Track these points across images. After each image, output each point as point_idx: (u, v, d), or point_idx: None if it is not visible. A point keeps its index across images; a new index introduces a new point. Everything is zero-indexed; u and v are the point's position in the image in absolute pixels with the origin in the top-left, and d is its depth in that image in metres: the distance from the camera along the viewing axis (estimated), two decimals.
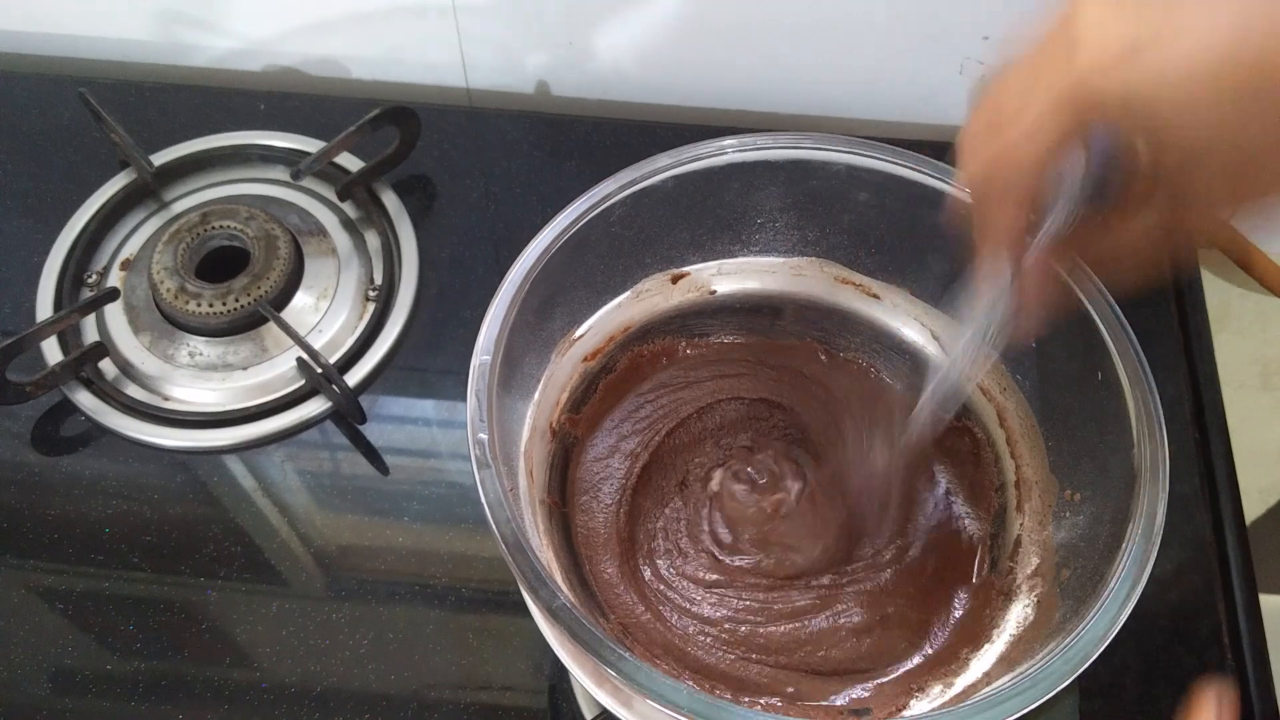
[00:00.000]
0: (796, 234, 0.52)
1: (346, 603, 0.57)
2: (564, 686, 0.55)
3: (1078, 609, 0.38)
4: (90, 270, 0.69)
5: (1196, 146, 0.30)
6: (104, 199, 0.71)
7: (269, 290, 0.65)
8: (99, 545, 0.59)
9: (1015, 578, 0.45)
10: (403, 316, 0.67)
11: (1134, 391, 0.41)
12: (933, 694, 0.43)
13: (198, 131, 0.74)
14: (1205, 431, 0.63)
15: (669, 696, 0.34)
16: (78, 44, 0.79)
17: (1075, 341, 0.43)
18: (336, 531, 0.60)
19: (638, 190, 0.47)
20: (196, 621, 0.56)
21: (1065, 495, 0.45)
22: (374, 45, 0.77)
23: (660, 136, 0.49)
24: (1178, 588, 0.58)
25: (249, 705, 0.54)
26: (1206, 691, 0.32)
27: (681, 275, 0.53)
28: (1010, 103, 0.34)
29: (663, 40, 0.74)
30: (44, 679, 0.55)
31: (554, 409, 0.50)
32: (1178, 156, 0.31)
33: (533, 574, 0.37)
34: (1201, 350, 0.66)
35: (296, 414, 0.63)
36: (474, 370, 0.42)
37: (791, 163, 0.48)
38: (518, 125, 0.76)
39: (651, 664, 0.37)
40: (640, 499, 0.51)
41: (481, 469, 0.39)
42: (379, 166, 0.71)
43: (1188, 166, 0.31)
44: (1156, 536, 0.37)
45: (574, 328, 0.50)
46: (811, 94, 0.76)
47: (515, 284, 0.44)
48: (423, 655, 0.55)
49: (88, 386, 0.64)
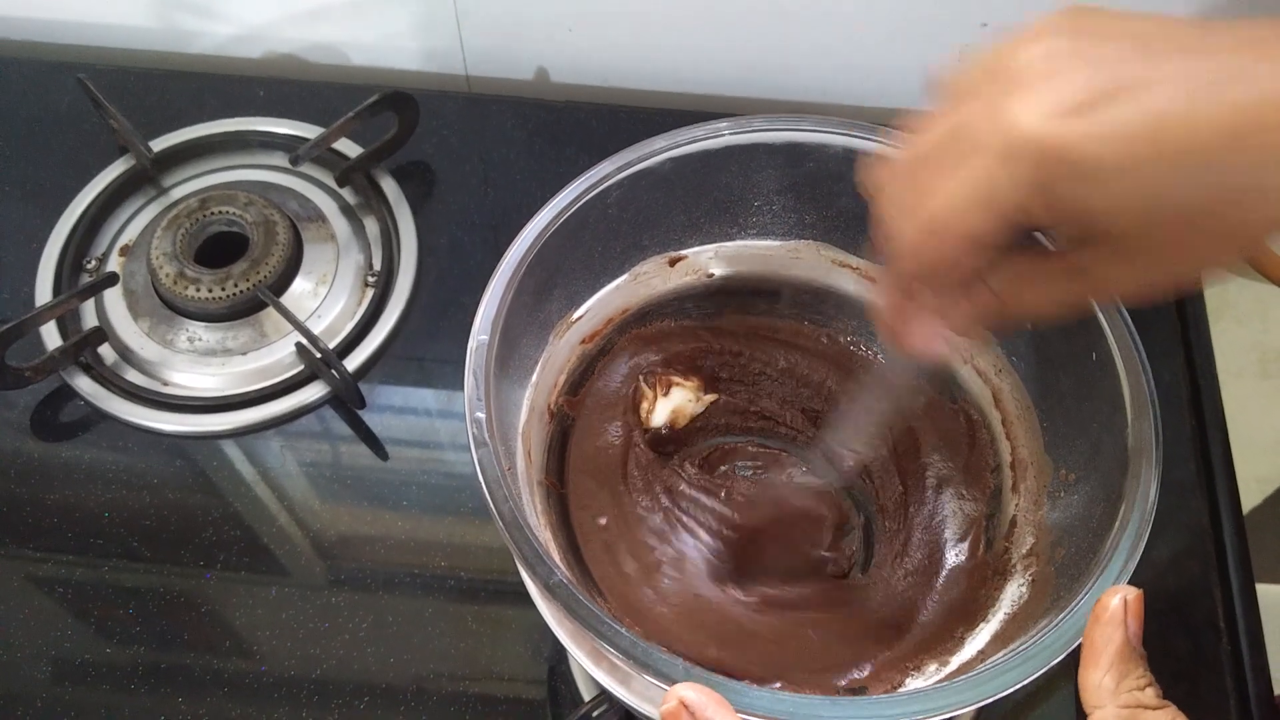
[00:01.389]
0: (794, 217, 0.52)
1: (345, 588, 0.57)
2: (563, 669, 0.55)
3: (1072, 587, 0.38)
4: (89, 256, 0.69)
5: (1124, 244, 0.29)
6: (103, 185, 0.71)
7: (268, 275, 0.65)
8: (98, 530, 0.59)
9: (1010, 557, 0.45)
10: (401, 302, 0.67)
11: (1127, 371, 0.41)
12: (928, 671, 0.43)
13: (197, 117, 0.74)
14: (1202, 419, 0.63)
15: (666, 672, 0.34)
16: (77, 30, 0.79)
17: (1069, 322, 0.44)
18: (335, 516, 0.60)
19: (635, 172, 0.47)
20: (196, 607, 0.57)
21: (1060, 475, 0.45)
22: (373, 31, 0.77)
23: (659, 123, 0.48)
24: (1175, 574, 0.58)
25: (248, 690, 0.54)
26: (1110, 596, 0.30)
27: (679, 258, 0.53)
28: (935, 158, 0.31)
29: (662, 27, 0.74)
30: (43, 664, 0.55)
31: (552, 391, 0.50)
32: (1121, 221, 0.29)
33: (530, 551, 0.37)
34: (1199, 338, 0.66)
35: (295, 399, 0.63)
36: (471, 350, 0.42)
37: (789, 145, 0.48)
38: (516, 111, 0.76)
39: (648, 643, 0.37)
40: (639, 481, 0.51)
41: (479, 448, 0.39)
42: (378, 152, 0.71)
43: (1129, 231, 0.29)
44: (1150, 514, 0.38)
45: (572, 310, 0.51)
46: (810, 80, 0.76)
47: (513, 265, 0.44)
48: (422, 640, 0.55)
49: (87, 372, 0.64)
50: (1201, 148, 0.27)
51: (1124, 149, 0.27)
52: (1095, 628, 0.30)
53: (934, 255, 0.31)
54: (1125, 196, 0.28)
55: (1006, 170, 0.28)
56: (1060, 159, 0.28)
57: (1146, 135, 0.27)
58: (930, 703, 0.33)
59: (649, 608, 0.47)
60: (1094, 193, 0.28)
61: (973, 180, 0.29)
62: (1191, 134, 0.27)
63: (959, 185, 0.30)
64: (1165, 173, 0.27)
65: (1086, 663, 0.30)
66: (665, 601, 0.47)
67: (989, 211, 0.29)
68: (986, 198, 0.29)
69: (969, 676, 0.34)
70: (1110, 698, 0.29)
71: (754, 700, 0.33)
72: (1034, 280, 0.33)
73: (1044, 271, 0.33)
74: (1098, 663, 0.29)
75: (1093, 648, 0.29)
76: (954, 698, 0.33)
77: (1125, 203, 0.28)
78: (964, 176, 0.29)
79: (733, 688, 0.33)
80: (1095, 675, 0.29)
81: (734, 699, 0.32)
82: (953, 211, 0.30)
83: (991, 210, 0.29)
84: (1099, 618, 0.30)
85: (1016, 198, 0.29)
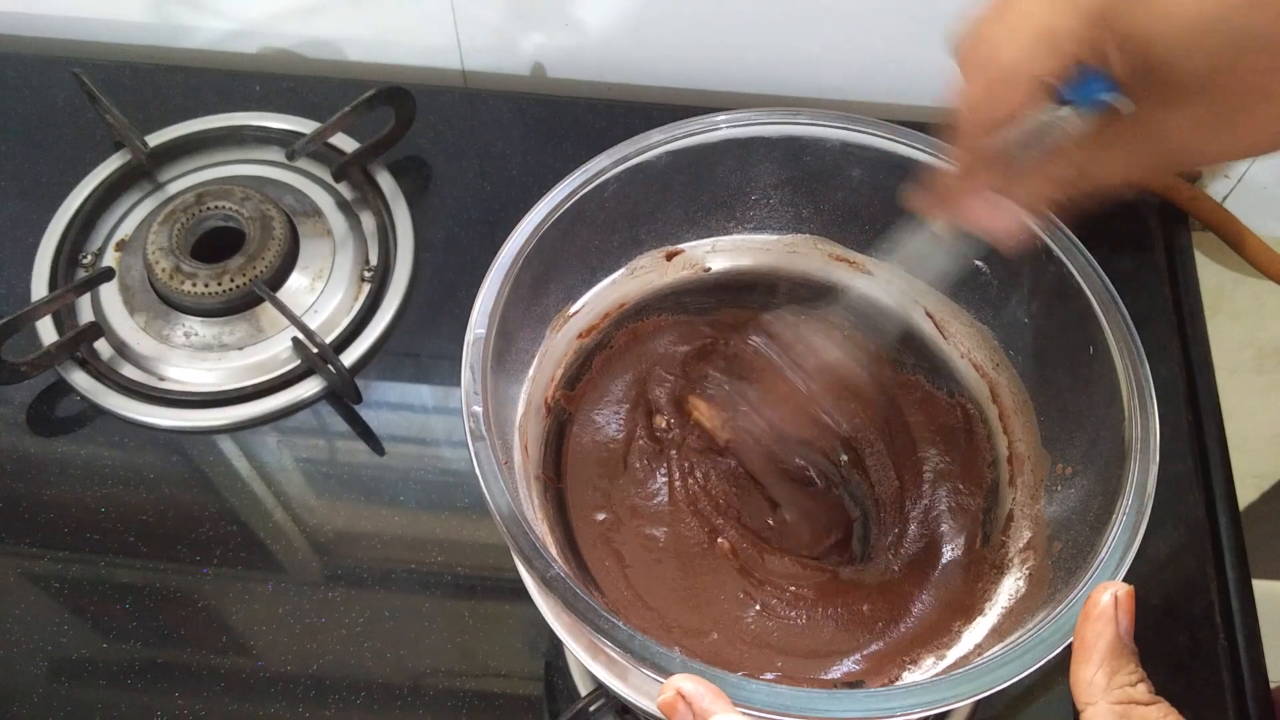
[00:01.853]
0: (790, 211, 0.52)
1: (342, 584, 0.57)
2: (559, 664, 0.55)
3: (1069, 580, 0.38)
4: (85, 251, 0.69)
5: (1192, 87, 0.28)
6: (99, 180, 0.71)
7: (264, 270, 0.65)
8: (94, 526, 0.59)
9: (1007, 551, 0.46)
10: (398, 297, 0.67)
11: (1125, 364, 0.41)
12: (925, 665, 0.43)
13: (193, 112, 0.74)
14: (1199, 414, 0.63)
15: (663, 665, 0.34)
16: (72, 25, 0.79)
17: (1067, 316, 0.44)
18: (332, 512, 0.60)
19: (632, 166, 0.47)
20: (192, 603, 0.56)
21: (1057, 469, 0.45)
22: (369, 26, 0.77)
23: (656, 118, 0.48)
24: (1171, 569, 0.58)
25: (244, 686, 0.54)
26: (1100, 592, 0.30)
27: (676, 252, 0.53)
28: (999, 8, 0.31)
29: (659, 21, 0.73)
30: (39, 660, 0.55)
31: (549, 385, 0.50)
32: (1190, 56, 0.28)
33: (528, 545, 0.37)
34: (1195, 333, 0.66)
35: (292, 394, 0.63)
36: (468, 344, 0.42)
37: (785, 139, 0.48)
38: (513, 106, 0.76)
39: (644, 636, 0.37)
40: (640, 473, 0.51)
41: (476, 441, 0.39)
42: (374, 147, 0.71)
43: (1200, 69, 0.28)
44: (1147, 507, 0.38)
45: (569, 304, 0.50)
46: (808, 76, 0.76)
47: (510, 259, 0.44)
48: (418, 636, 0.55)
49: (83, 367, 0.64)
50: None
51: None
52: (1086, 624, 0.29)
53: (1006, 103, 0.31)
54: (1192, 23, 0.27)
55: (1068, 3, 0.28)
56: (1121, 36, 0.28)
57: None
58: (927, 696, 0.33)
59: (645, 601, 0.47)
60: (1158, 21, 0.27)
61: (1036, 20, 0.29)
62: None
63: (1023, 27, 0.30)
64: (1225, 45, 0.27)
65: (1078, 659, 0.29)
66: (661, 594, 0.47)
67: (1055, 49, 0.29)
68: (1050, 35, 0.29)
69: (966, 670, 0.34)
70: (1102, 694, 0.28)
71: (752, 693, 0.33)
72: (1110, 145, 0.33)
73: (1119, 135, 0.32)
74: (1089, 658, 0.29)
75: (1084, 644, 0.29)
76: (951, 691, 0.33)
77: (1192, 31, 0.27)
78: (1027, 18, 0.30)
79: (730, 680, 0.33)
80: (1087, 671, 0.29)
81: (732, 692, 0.32)
82: (1019, 53, 0.30)
83: (1056, 48, 0.29)
84: (1089, 614, 0.29)
85: (1080, 31, 0.29)
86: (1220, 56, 0.27)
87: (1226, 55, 0.27)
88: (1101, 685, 0.29)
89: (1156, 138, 0.31)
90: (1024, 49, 0.30)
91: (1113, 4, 0.28)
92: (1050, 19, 0.29)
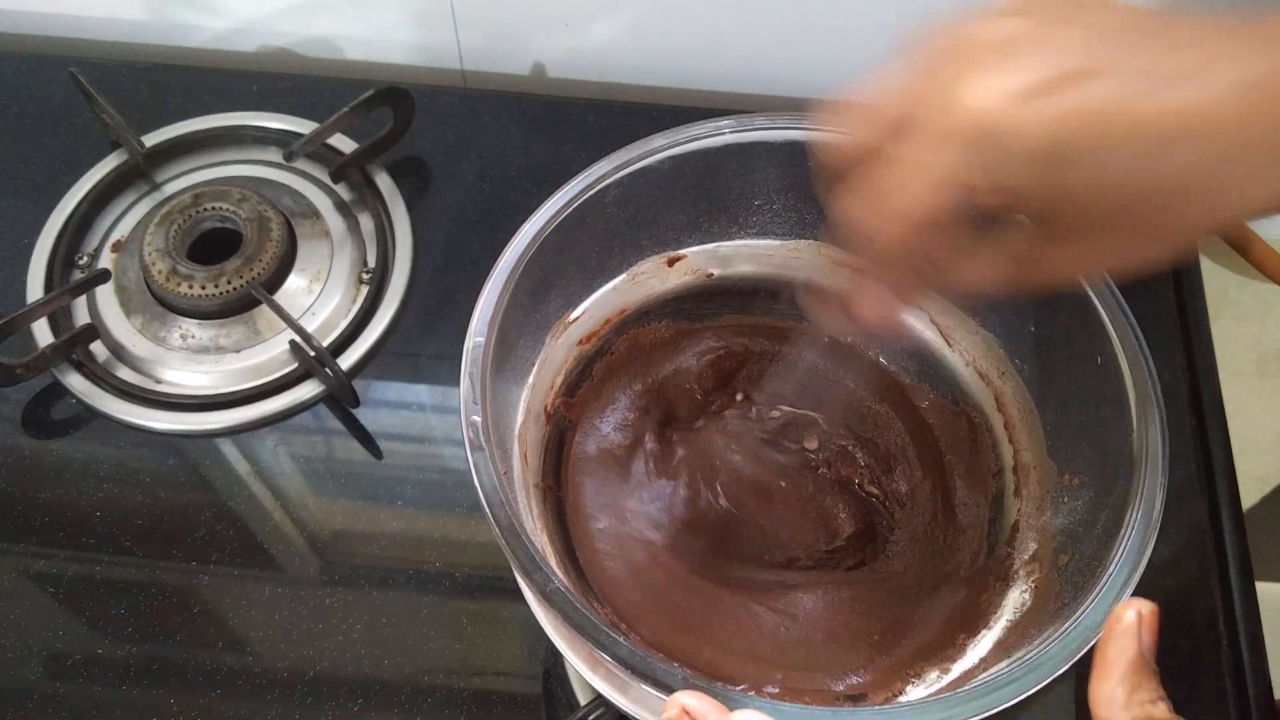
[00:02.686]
0: (794, 216, 0.52)
1: (340, 587, 0.57)
2: (559, 670, 0.55)
3: (1076, 595, 0.38)
4: (81, 252, 0.68)
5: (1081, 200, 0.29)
6: (95, 180, 0.70)
7: (261, 272, 0.64)
8: (90, 529, 0.58)
9: (1013, 563, 0.45)
10: (396, 300, 0.66)
11: (1133, 375, 0.40)
12: (929, 679, 0.42)
13: (190, 112, 0.73)
14: (1203, 418, 0.63)
15: (665, 680, 0.34)
16: (69, 23, 0.78)
17: (1074, 325, 0.43)
18: (329, 515, 0.59)
19: (633, 171, 0.46)
20: (189, 605, 0.56)
21: (1063, 480, 0.45)
22: (368, 26, 0.77)
23: (658, 119, 0.48)
24: (1174, 574, 0.58)
25: (241, 689, 0.54)
26: (1125, 609, 0.30)
27: (678, 258, 0.52)
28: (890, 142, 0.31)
29: (661, 21, 0.73)
30: (35, 663, 0.54)
31: (549, 392, 0.50)
32: (1057, 206, 0.29)
33: (527, 558, 0.37)
34: (1199, 337, 0.66)
35: (289, 397, 0.63)
36: (467, 352, 0.41)
37: (790, 143, 0.48)
38: (513, 107, 0.76)
39: (646, 650, 0.37)
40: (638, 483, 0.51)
41: (475, 451, 0.39)
42: (373, 148, 0.70)
43: (1067, 216, 0.29)
44: (1156, 522, 0.37)
45: (569, 310, 0.50)
46: (812, 78, 0.75)
47: (509, 265, 0.44)
48: (416, 640, 0.55)
49: (79, 369, 0.63)
50: (1139, 141, 0.27)
51: (1064, 136, 0.27)
52: (1109, 640, 0.29)
53: (892, 239, 0.32)
54: (1064, 183, 0.28)
55: (956, 152, 0.29)
56: (1001, 142, 0.28)
57: (1088, 125, 0.27)
58: (932, 714, 0.33)
59: (646, 611, 0.47)
60: (1034, 177, 0.28)
61: (926, 164, 0.30)
62: (1131, 128, 0.27)
63: (913, 170, 0.30)
64: (1104, 163, 0.28)
65: (1098, 674, 0.29)
66: (663, 605, 0.47)
67: (942, 194, 0.30)
68: (940, 180, 0.29)
69: (972, 687, 0.34)
70: (1121, 710, 0.28)
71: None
72: (976, 256, 0.33)
73: (987, 249, 0.33)
74: (1110, 674, 0.29)
75: (1105, 659, 0.29)
76: (957, 709, 0.33)
77: (1062, 189, 0.28)
78: (918, 160, 0.30)
79: (733, 697, 0.33)
80: (1107, 687, 0.29)
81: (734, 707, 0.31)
82: (908, 196, 0.30)
83: (944, 193, 0.30)
84: (1112, 629, 0.29)
85: (966, 179, 0.29)
86: (1089, 208, 0.29)
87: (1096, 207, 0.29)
88: (1121, 701, 0.28)
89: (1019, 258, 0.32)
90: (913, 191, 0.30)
91: (995, 160, 0.28)
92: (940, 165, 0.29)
